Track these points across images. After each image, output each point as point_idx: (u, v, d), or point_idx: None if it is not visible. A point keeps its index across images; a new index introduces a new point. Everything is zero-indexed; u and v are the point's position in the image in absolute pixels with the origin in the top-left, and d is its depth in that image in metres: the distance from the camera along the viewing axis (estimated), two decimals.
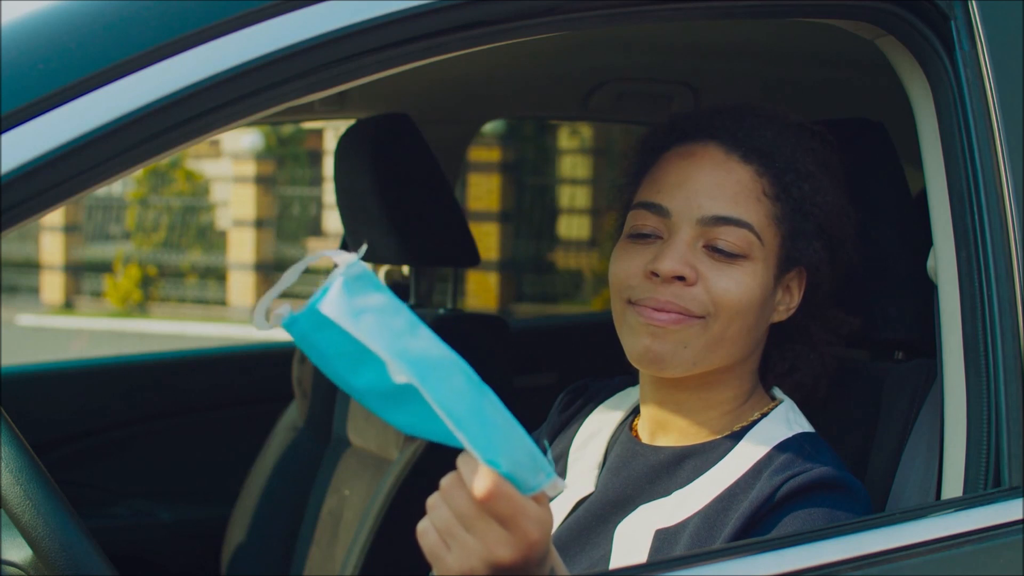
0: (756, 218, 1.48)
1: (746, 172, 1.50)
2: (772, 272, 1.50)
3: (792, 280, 1.54)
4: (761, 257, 1.48)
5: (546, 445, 1.38)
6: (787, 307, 1.55)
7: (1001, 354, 1.43)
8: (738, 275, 1.47)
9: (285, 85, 1.26)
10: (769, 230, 1.49)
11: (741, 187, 1.49)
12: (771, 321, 1.54)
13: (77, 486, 2.90)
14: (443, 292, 3.02)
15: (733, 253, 1.47)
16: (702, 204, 1.48)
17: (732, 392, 1.54)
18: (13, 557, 1.39)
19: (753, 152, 1.50)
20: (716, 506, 1.45)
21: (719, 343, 1.47)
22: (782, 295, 1.54)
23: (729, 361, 1.51)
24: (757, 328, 1.51)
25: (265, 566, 2.71)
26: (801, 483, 1.41)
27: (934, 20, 1.49)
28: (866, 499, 1.45)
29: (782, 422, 1.52)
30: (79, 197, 1.23)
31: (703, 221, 1.47)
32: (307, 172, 16.59)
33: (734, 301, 1.46)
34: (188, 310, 15.47)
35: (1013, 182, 1.46)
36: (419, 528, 1.15)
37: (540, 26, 1.38)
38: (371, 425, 2.55)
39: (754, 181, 1.49)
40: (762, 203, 1.49)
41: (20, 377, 3.19)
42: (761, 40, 2.37)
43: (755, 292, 1.48)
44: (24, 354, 4.91)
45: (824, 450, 1.49)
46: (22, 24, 1.27)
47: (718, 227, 1.47)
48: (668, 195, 1.50)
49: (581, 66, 2.66)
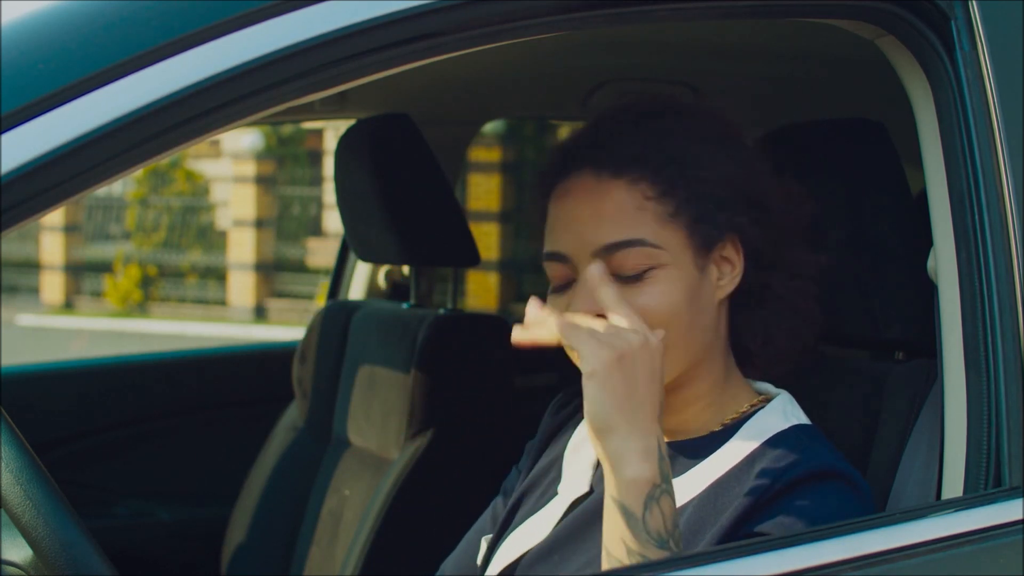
0: (646, 229, 1.44)
1: (620, 187, 1.46)
2: (691, 263, 1.46)
3: (724, 251, 1.50)
4: (670, 259, 1.45)
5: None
6: (731, 276, 1.51)
7: (1001, 354, 1.43)
8: (652, 288, 1.44)
9: (285, 85, 1.26)
10: (666, 231, 1.45)
11: (619, 205, 1.45)
12: (720, 297, 1.50)
13: (77, 486, 2.90)
14: (443, 292, 3.02)
15: (638, 273, 1.44)
16: (589, 239, 1.45)
17: (707, 385, 1.52)
18: (13, 557, 1.39)
19: (620, 163, 1.46)
20: (709, 495, 1.45)
21: (666, 352, 1.44)
22: (719, 270, 1.50)
23: (688, 360, 1.49)
24: (700, 319, 1.48)
25: (265, 566, 2.71)
26: (799, 474, 1.41)
27: (934, 20, 1.49)
28: (866, 489, 1.44)
29: (778, 414, 1.51)
30: (79, 197, 1.23)
31: (597, 254, 1.44)
32: (307, 172, 16.60)
33: (658, 313, 1.43)
34: (188, 310, 15.47)
35: (1013, 182, 1.46)
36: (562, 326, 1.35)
37: (540, 26, 1.38)
38: (371, 425, 2.55)
39: (630, 192, 1.45)
40: (647, 210, 1.45)
41: (20, 377, 3.19)
42: (761, 40, 2.37)
43: (677, 294, 1.45)
44: (24, 354, 4.91)
45: (821, 442, 1.48)
46: (22, 24, 1.27)
47: (613, 255, 1.44)
48: (561, 240, 1.48)
49: (581, 66, 2.66)
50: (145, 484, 3.12)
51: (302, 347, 2.85)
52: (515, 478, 1.72)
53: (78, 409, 3.14)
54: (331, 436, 2.69)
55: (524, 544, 1.57)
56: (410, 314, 2.60)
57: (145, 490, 3.11)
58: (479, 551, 1.66)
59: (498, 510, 1.68)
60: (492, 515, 1.69)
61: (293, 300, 15.05)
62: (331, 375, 2.72)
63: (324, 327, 2.80)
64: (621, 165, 1.46)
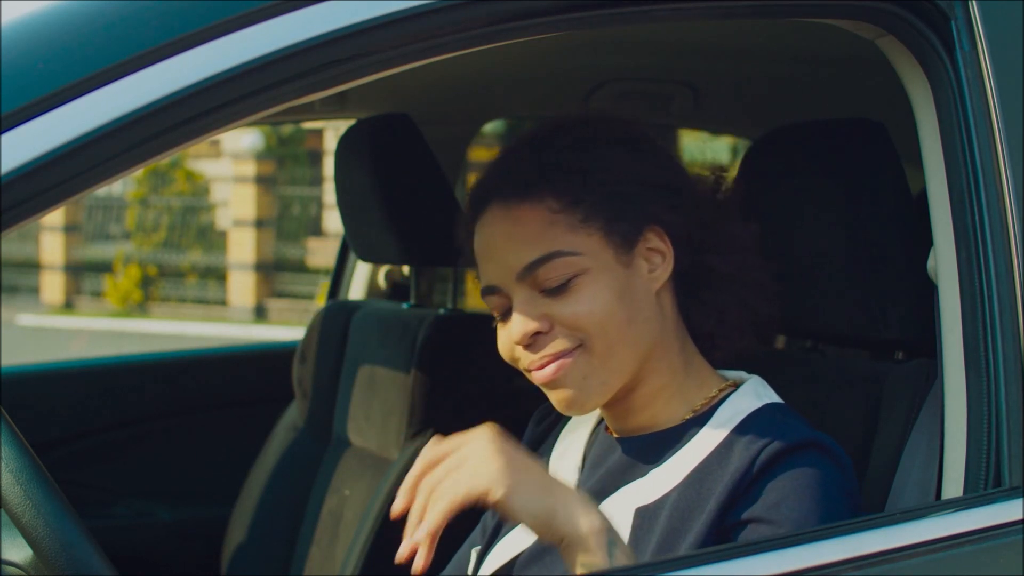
0: (560, 240, 1.47)
1: (526, 209, 1.49)
2: (615, 261, 1.49)
3: (649, 243, 1.52)
4: (591, 263, 1.47)
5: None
6: (663, 265, 1.53)
7: (1001, 354, 1.43)
8: (580, 295, 1.47)
9: (285, 85, 1.26)
10: (580, 237, 1.48)
11: (528, 225, 1.49)
12: (656, 287, 1.52)
13: (77, 486, 2.89)
14: (443, 292, 3.01)
15: (562, 284, 1.47)
16: (511, 264, 1.49)
17: (667, 376, 1.54)
18: (13, 557, 1.39)
19: (522, 187, 1.50)
20: (692, 480, 1.46)
21: (612, 352, 1.47)
22: (648, 262, 1.52)
23: (638, 355, 1.50)
24: (639, 313, 1.50)
25: (265, 566, 2.71)
26: (778, 449, 1.42)
27: (934, 20, 1.49)
28: (845, 458, 1.46)
29: (750, 396, 1.53)
30: (79, 197, 1.23)
31: (520, 276, 1.48)
32: (307, 172, 16.61)
33: (592, 317, 1.46)
34: (188, 310, 15.48)
35: (1013, 182, 1.46)
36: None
37: (540, 26, 1.38)
38: (371, 425, 2.55)
39: (537, 211, 1.49)
40: (557, 223, 1.48)
41: (20, 377, 3.19)
42: (761, 40, 2.37)
43: (606, 294, 1.47)
44: (24, 354, 4.91)
45: (796, 417, 1.50)
46: (22, 24, 1.27)
47: (535, 273, 1.47)
48: (487, 273, 1.53)
49: (581, 66, 2.66)
50: (145, 484, 3.12)
51: (302, 347, 2.85)
52: None
53: (78, 409, 3.13)
54: (331, 436, 2.69)
55: (514, 548, 1.59)
56: (410, 314, 2.60)
57: (145, 490, 3.11)
58: (470, 563, 1.67)
59: (487, 522, 1.70)
60: (482, 528, 1.71)
61: (293, 300, 15.06)
62: (331, 375, 2.72)
63: (324, 327, 2.80)
64: (523, 189, 1.50)
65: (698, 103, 2.92)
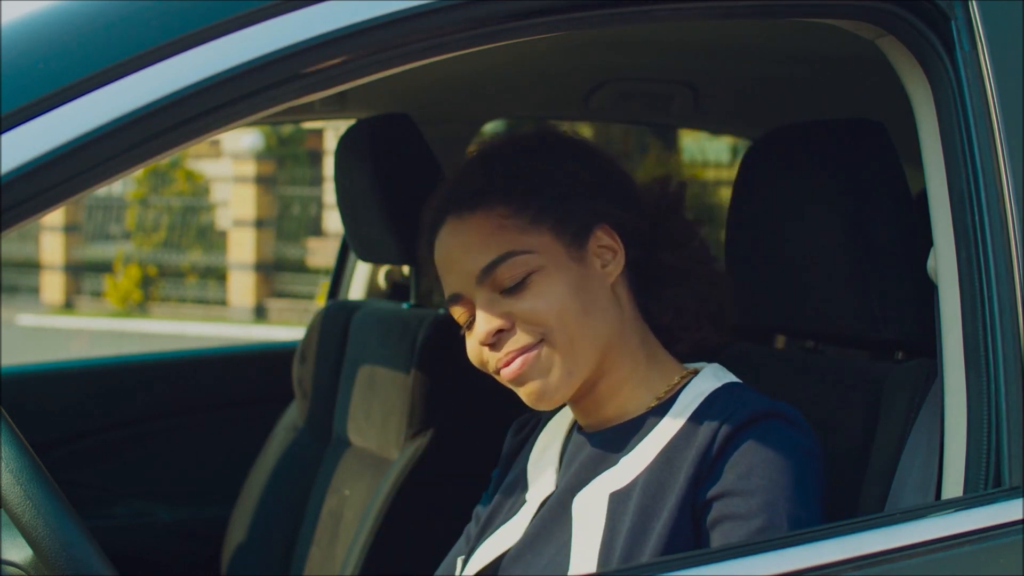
0: (512, 242, 1.53)
1: (477, 218, 1.56)
2: (567, 257, 1.55)
3: (600, 240, 1.58)
4: (544, 260, 1.53)
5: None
6: (615, 261, 1.58)
7: (1001, 354, 1.43)
8: (537, 291, 1.52)
9: (285, 85, 1.26)
10: (531, 236, 1.54)
11: (481, 232, 1.55)
12: (610, 281, 1.57)
13: (77, 486, 2.89)
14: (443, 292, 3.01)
15: (518, 282, 1.53)
16: (468, 269, 1.55)
17: (629, 368, 1.58)
18: (13, 557, 1.39)
19: (472, 199, 1.57)
20: (660, 461, 1.51)
21: (572, 346, 1.53)
22: (600, 259, 1.58)
23: (599, 347, 1.55)
24: (595, 306, 1.55)
25: (265, 566, 2.71)
26: (740, 420, 1.46)
27: (934, 20, 1.49)
28: (805, 424, 1.49)
29: (710, 378, 1.57)
30: (79, 197, 1.23)
31: (480, 280, 1.54)
32: (307, 172, 16.61)
33: (550, 310, 1.52)
34: (188, 310, 15.48)
35: (1013, 182, 1.46)
36: None
37: (540, 26, 1.39)
38: (371, 425, 2.55)
39: (488, 218, 1.55)
40: (507, 227, 1.54)
41: (20, 377, 3.19)
42: (761, 40, 2.37)
43: (560, 288, 1.53)
44: (24, 354, 4.91)
45: (752, 392, 1.54)
46: (22, 24, 1.27)
47: (492, 275, 1.53)
48: (449, 283, 1.59)
49: (581, 66, 2.66)
50: (145, 484, 3.12)
51: (302, 347, 2.85)
52: (485, 504, 1.75)
53: (78, 409, 3.13)
54: (331, 436, 2.69)
55: (497, 548, 1.62)
56: (410, 314, 2.60)
57: (145, 490, 3.11)
58: (456, 571, 1.69)
59: (471, 533, 1.72)
60: (466, 537, 1.75)
61: (293, 300, 15.05)
62: (331, 375, 2.72)
63: (324, 327, 2.80)
64: (473, 200, 1.57)
65: (698, 103, 2.92)
